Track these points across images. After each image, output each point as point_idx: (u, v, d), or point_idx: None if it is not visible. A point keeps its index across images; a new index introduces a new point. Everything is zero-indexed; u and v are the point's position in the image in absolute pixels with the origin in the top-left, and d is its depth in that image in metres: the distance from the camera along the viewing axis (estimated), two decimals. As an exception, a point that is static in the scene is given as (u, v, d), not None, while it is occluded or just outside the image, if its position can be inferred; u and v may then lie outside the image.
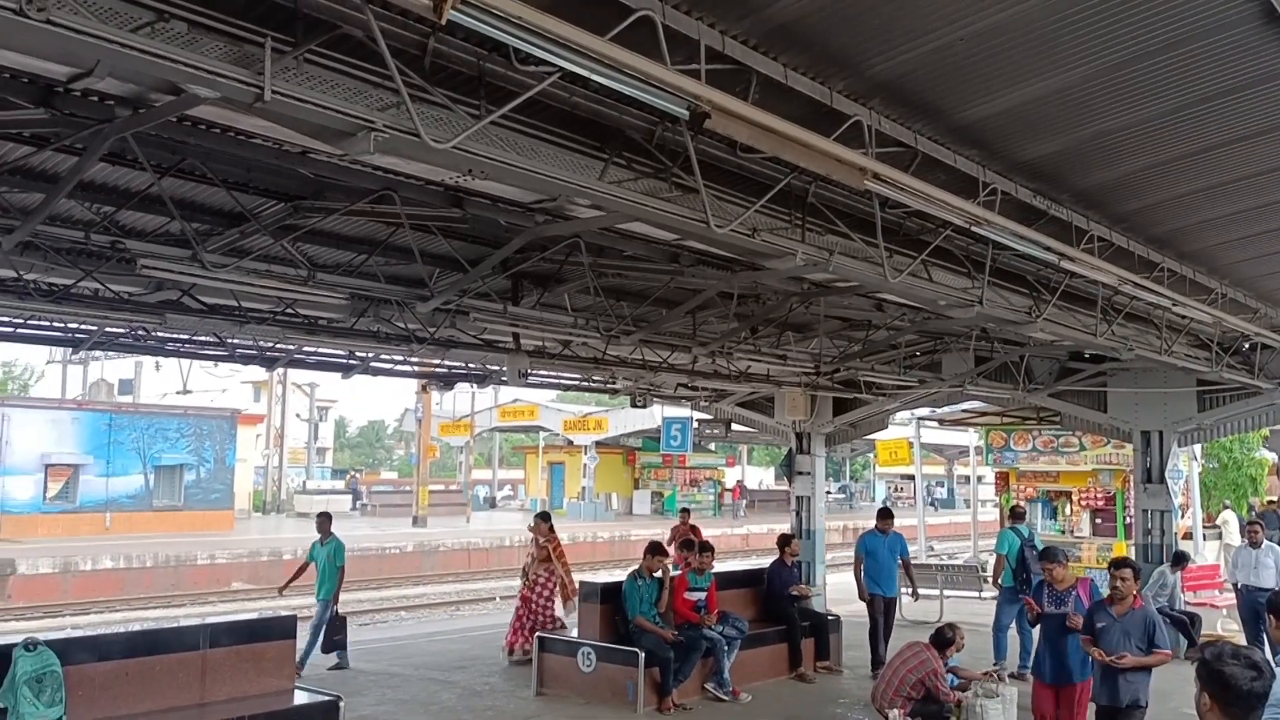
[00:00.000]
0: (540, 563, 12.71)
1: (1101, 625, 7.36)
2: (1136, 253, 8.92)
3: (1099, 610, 7.49)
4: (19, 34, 3.27)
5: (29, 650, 6.82)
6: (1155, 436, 14.32)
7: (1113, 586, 7.44)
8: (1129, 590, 7.34)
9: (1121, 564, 7.50)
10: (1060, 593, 7.99)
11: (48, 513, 29.84)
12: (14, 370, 63.86)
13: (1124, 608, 7.34)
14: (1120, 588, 7.36)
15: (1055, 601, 7.96)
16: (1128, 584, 7.33)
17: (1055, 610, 7.93)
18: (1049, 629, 8.01)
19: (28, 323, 10.22)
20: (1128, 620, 7.30)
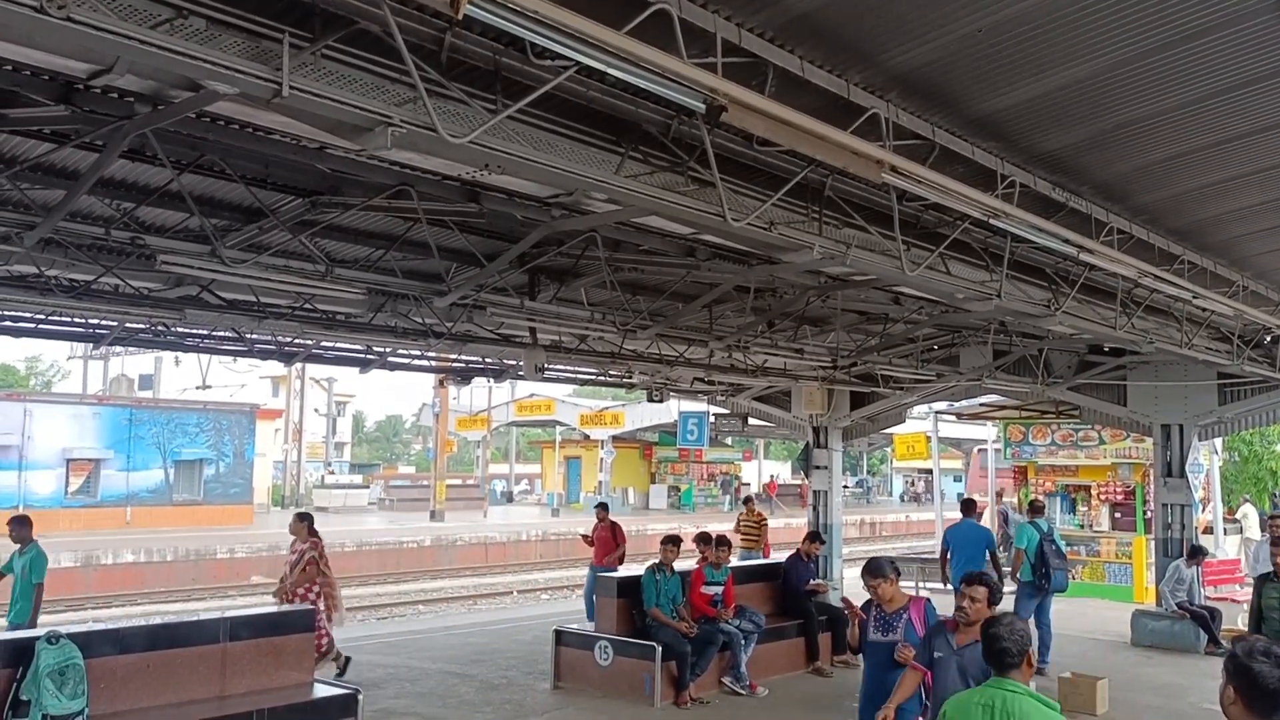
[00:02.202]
0: (298, 573, 10.61)
1: (939, 655, 5.61)
2: (1157, 245, 8.86)
3: (938, 636, 5.72)
4: (40, 32, 3.29)
5: (51, 643, 6.88)
6: (1175, 430, 14.22)
7: (958, 608, 5.64)
8: (978, 615, 5.45)
9: (974, 580, 5.68)
10: (889, 615, 6.33)
11: (69, 507, 30.10)
12: (38, 366, 64.41)
13: (968, 636, 5.43)
14: (967, 610, 5.55)
15: (882, 625, 6.33)
16: (978, 607, 5.53)
17: (882, 637, 6.30)
18: (874, 660, 6.38)
19: (49, 318, 10.30)
20: (970, 654, 5.32)
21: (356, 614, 21.10)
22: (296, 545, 10.86)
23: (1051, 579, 11.80)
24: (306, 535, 10.81)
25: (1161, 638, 13.55)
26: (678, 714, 9.92)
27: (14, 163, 6.32)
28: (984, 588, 5.56)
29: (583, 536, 15.75)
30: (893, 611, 6.30)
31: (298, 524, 10.93)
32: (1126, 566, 18.19)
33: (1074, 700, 9.94)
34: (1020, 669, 4.03)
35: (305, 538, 10.79)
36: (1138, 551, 18.04)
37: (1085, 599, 17.22)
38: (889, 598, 6.32)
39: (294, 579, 10.58)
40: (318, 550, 10.74)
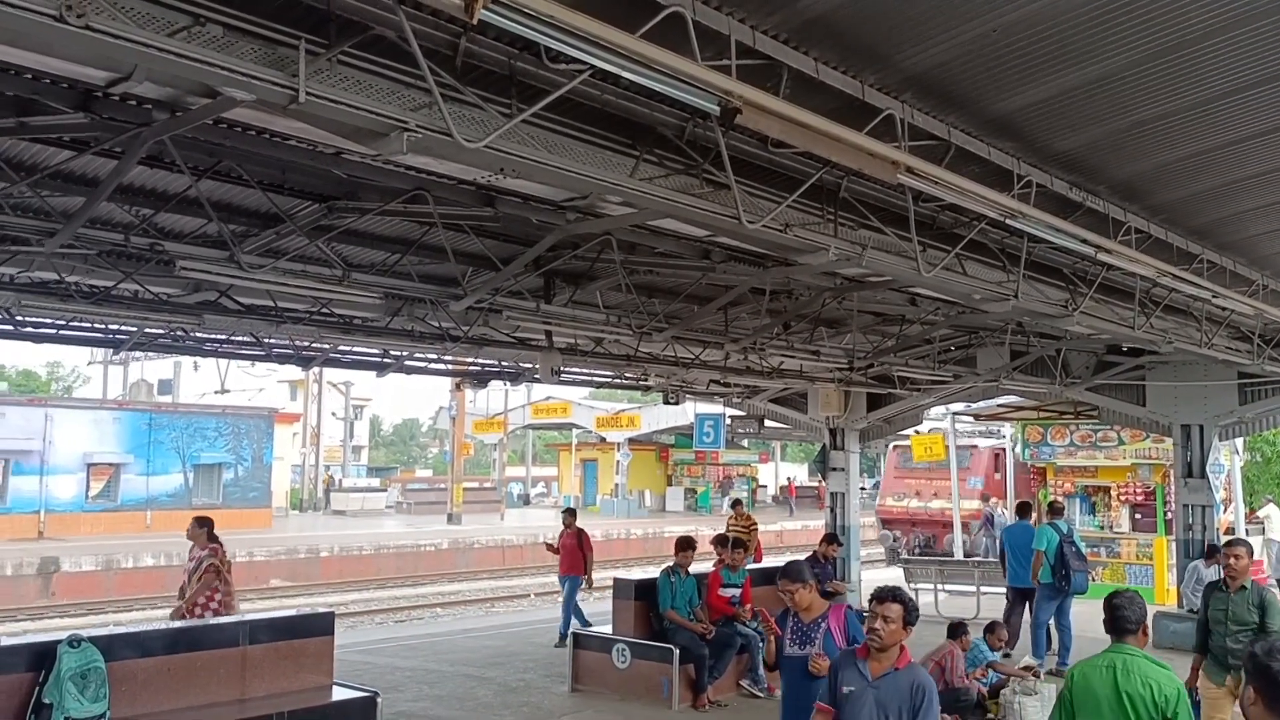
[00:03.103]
0: (198, 580, 9.77)
1: (849, 690, 4.76)
2: (1175, 244, 8.80)
3: (847, 667, 4.84)
4: (59, 40, 3.33)
5: (73, 647, 6.93)
6: (1196, 430, 14.12)
7: (870, 629, 4.73)
8: (892, 639, 4.69)
9: (885, 596, 4.77)
10: (806, 626, 5.62)
11: (90, 511, 30.33)
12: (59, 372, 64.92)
13: (884, 664, 4.72)
14: (880, 633, 4.68)
15: (799, 637, 5.62)
16: (892, 629, 4.68)
17: (799, 651, 5.57)
18: (790, 678, 5.67)
19: (70, 324, 10.39)
20: (886, 685, 4.68)
21: (375, 617, 21.18)
22: (194, 552, 9.98)
23: (1071, 580, 11.74)
24: (205, 541, 9.94)
25: (1184, 639, 13.36)
26: (696, 717, 9.92)
27: (35, 170, 6.38)
28: (898, 605, 4.68)
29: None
30: (810, 621, 5.61)
31: (196, 529, 10.02)
32: (1147, 568, 18.07)
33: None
34: (1136, 635, 4.70)
35: (204, 544, 9.93)
36: (1158, 553, 17.92)
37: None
38: (806, 605, 5.64)
39: (193, 590, 9.70)
40: (218, 557, 9.92)
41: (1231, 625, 7.28)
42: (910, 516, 28.25)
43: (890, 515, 28.87)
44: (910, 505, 28.42)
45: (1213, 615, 7.48)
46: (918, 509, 28.24)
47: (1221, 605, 7.41)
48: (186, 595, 9.72)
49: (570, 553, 14.16)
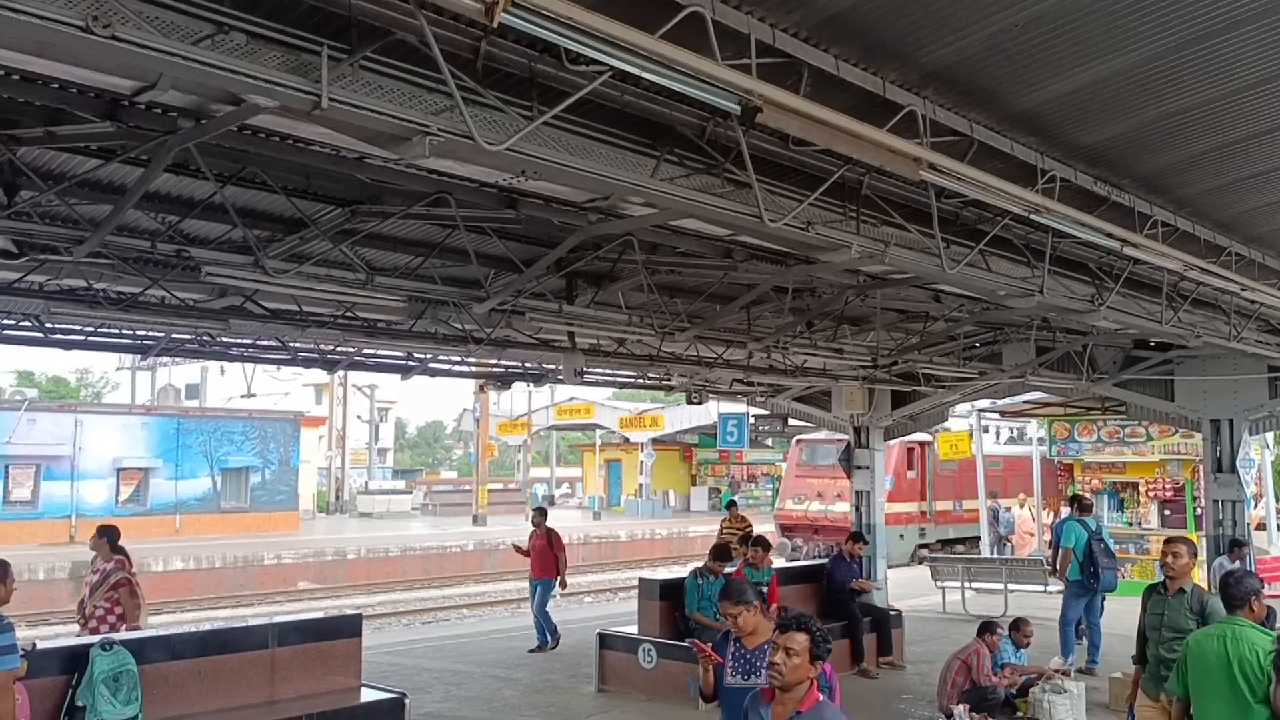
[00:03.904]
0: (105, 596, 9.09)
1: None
2: (1202, 237, 8.71)
3: (752, 710, 4.22)
4: (86, 50, 3.37)
5: (105, 650, 7.01)
6: (1225, 425, 13.96)
7: (769, 664, 4.04)
8: (797, 675, 3.97)
9: (789, 624, 4.09)
10: (750, 653, 4.99)
11: (120, 515, 30.61)
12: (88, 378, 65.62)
13: (787, 708, 4.02)
14: (781, 668, 3.96)
15: (743, 666, 4.99)
16: (795, 664, 3.96)
17: (743, 681, 4.92)
18: (731, 710, 4.87)
19: (98, 330, 10.49)
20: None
21: (402, 618, 21.29)
22: (98, 564, 9.33)
23: (1100, 578, 11.65)
24: (109, 553, 9.27)
25: (1214, 636, 13.28)
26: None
27: (62, 179, 6.45)
28: (803, 635, 4.00)
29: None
30: (755, 648, 4.91)
31: (98, 540, 9.38)
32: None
33: (1127, 700, 9.78)
34: (1244, 609, 5.36)
35: (108, 556, 9.27)
36: (1188, 549, 17.73)
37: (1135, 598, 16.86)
38: (751, 630, 4.98)
39: (93, 602, 9.07)
40: (125, 569, 9.25)
41: (1167, 633, 6.44)
42: (811, 522, 25.33)
43: (790, 521, 26.00)
44: (810, 509, 25.50)
45: (1149, 621, 6.71)
46: (818, 513, 25.34)
47: (1158, 610, 6.61)
48: (85, 609, 9.09)
49: (541, 555, 13.58)
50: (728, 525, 17.51)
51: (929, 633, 13.97)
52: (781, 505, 27.08)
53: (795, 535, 25.86)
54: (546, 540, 13.56)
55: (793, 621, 4.12)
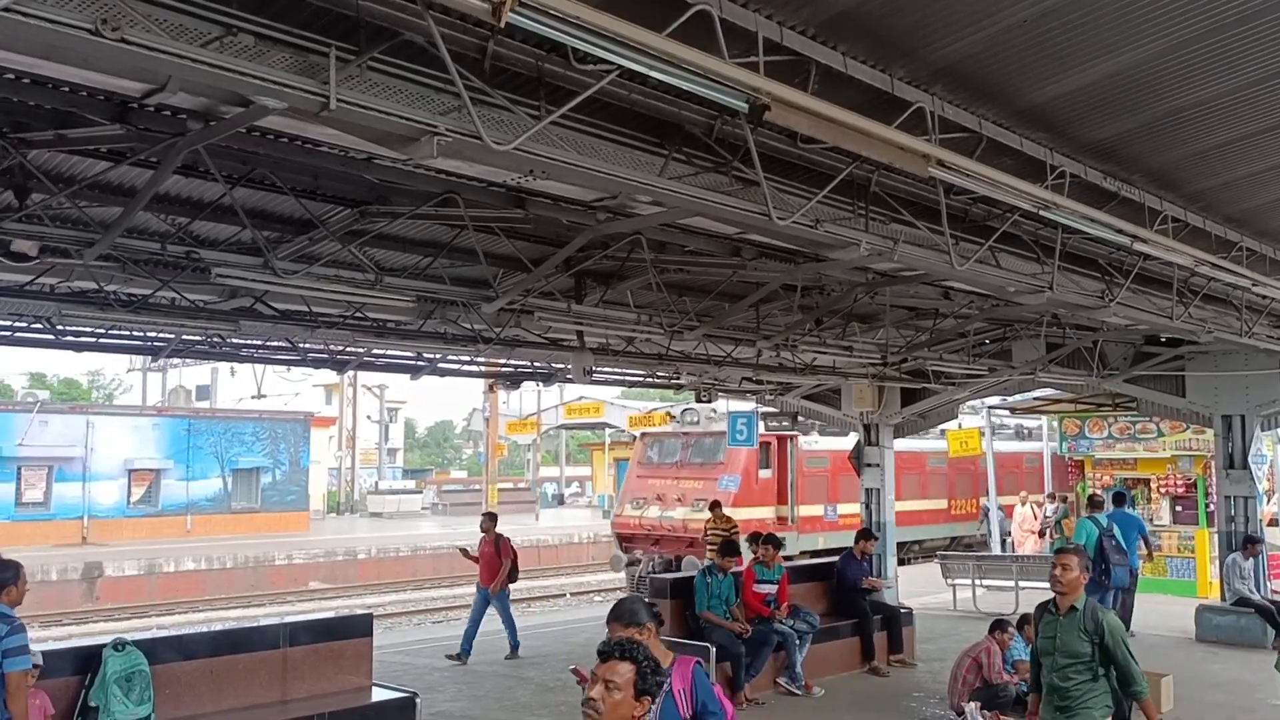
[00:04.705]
0: None
1: None
2: (1213, 232, 8.68)
3: None
4: (95, 53, 3.38)
5: (118, 650, 7.04)
6: (1237, 420, 13.91)
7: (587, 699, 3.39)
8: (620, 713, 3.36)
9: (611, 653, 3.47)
10: None
11: (132, 516, 30.80)
12: (99, 380, 65.87)
13: None
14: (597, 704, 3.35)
15: None
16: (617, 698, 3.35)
17: None
18: None
19: (109, 332, 10.53)
20: None
21: (412, 618, 21.32)
22: None
23: (1112, 575, 11.61)
24: None
25: (1227, 633, 13.26)
26: (733, 715, 9.89)
27: (73, 181, 6.47)
28: (627, 665, 3.40)
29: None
30: None
31: None
32: (1189, 561, 17.84)
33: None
34: None
35: None
36: (1200, 545, 17.68)
37: (1147, 594, 16.86)
38: None
39: None
40: None
41: (1061, 658, 5.59)
42: (648, 530, 20.93)
43: (627, 529, 21.39)
44: (644, 516, 21.09)
45: (1040, 645, 5.82)
46: (653, 521, 20.96)
47: (1050, 632, 5.71)
48: None
49: (489, 562, 12.81)
50: (712, 525, 17.10)
51: (940, 630, 13.94)
52: (619, 511, 22.12)
53: (634, 546, 21.24)
54: (495, 547, 12.85)
55: (615, 649, 3.48)
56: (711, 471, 20.98)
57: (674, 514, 20.76)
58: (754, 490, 21.00)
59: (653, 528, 20.81)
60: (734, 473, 21.06)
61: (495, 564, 12.75)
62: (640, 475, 22.31)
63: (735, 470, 21.08)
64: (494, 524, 13.22)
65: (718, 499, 18.82)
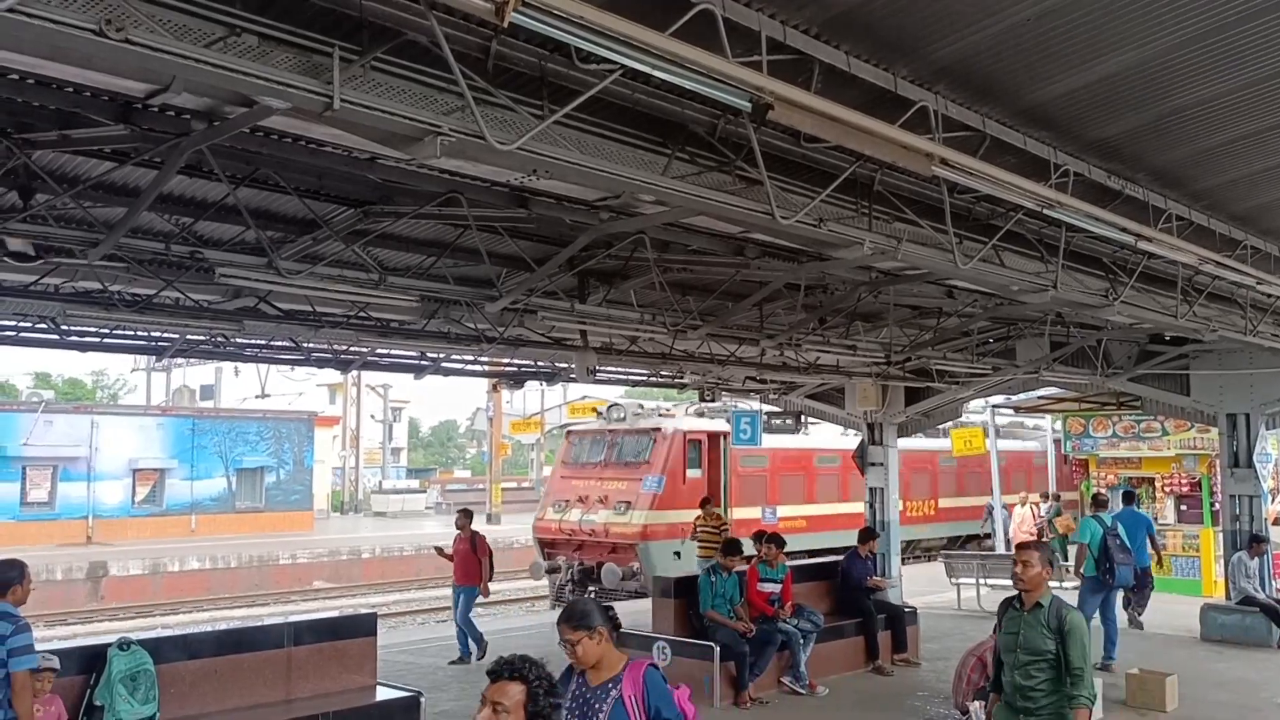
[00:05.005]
0: None
1: None
2: (1218, 231, 8.67)
3: None
4: (99, 54, 3.39)
5: (123, 649, 7.05)
6: (1242, 419, 13.89)
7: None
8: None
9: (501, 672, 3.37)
10: (592, 690, 4.07)
11: (136, 516, 30.84)
12: (104, 380, 65.95)
13: None
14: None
15: (581, 709, 4.05)
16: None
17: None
18: None
19: (113, 332, 10.55)
20: None
21: (417, 617, 21.35)
22: None
23: (1116, 574, 11.59)
24: None
25: (1232, 632, 13.24)
26: (738, 714, 9.90)
27: (77, 182, 6.48)
28: (517, 685, 3.29)
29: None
30: (599, 684, 4.05)
31: None
32: (1194, 560, 17.82)
33: (1142, 697, 9.75)
34: None
35: None
36: (1205, 544, 17.66)
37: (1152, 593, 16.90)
38: (594, 662, 4.05)
39: None
40: None
41: (1023, 655, 5.44)
42: (569, 535, 19.62)
43: (549, 534, 20.15)
44: (564, 520, 19.75)
45: (1003, 642, 5.64)
46: (573, 524, 19.61)
47: (1013, 628, 5.55)
48: None
49: (464, 560, 12.57)
50: (702, 523, 16.80)
51: (944, 629, 13.93)
52: (541, 515, 20.82)
53: (557, 552, 20.03)
54: (470, 545, 12.59)
55: (505, 668, 3.32)
56: (636, 471, 19.55)
57: (595, 517, 19.47)
58: (681, 491, 19.43)
59: (573, 532, 19.64)
60: (658, 473, 19.53)
61: (471, 562, 12.51)
62: (564, 476, 21.12)
63: (659, 470, 19.57)
64: (469, 521, 12.96)
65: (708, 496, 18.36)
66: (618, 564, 18.74)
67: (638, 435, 20.27)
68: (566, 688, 4.10)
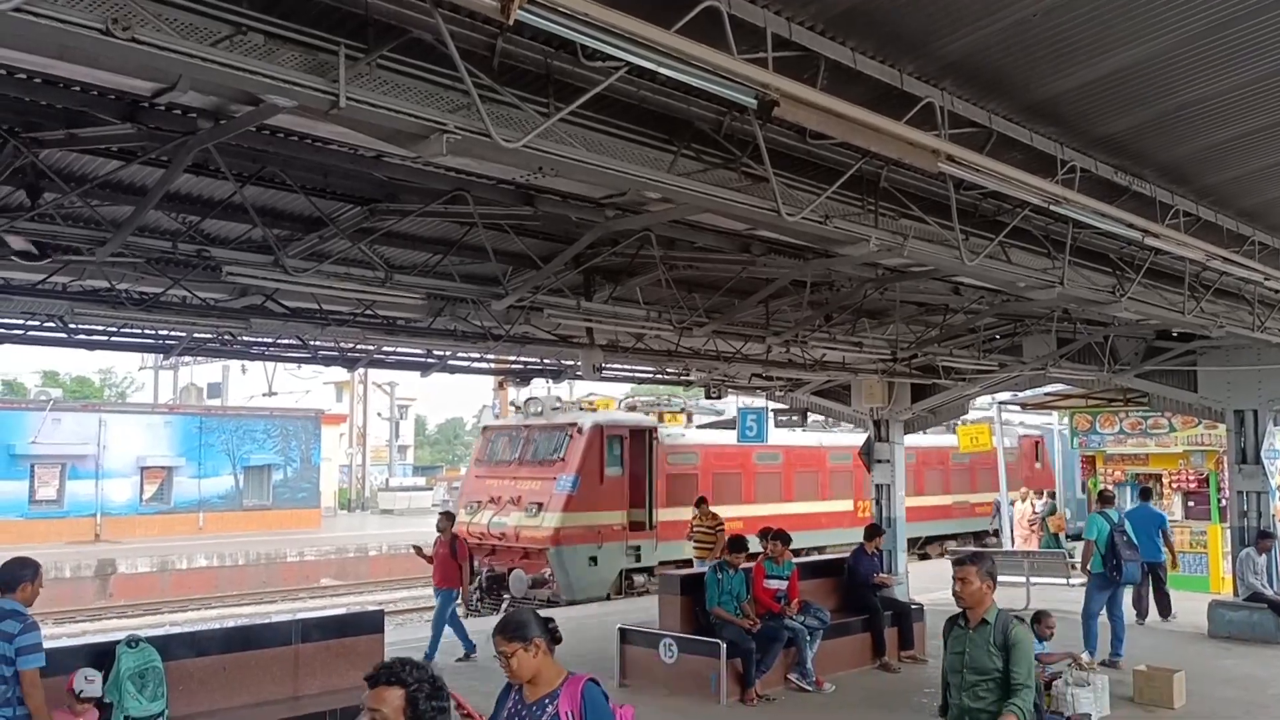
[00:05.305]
0: None
1: None
2: (1225, 226, 8.64)
3: None
4: (106, 53, 3.40)
5: (131, 647, 7.07)
6: (1250, 415, 13.85)
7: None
8: None
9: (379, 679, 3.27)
10: (528, 706, 3.89)
11: (144, 514, 30.92)
12: (111, 378, 66.12)
13: None
14: None
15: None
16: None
17: None
18: None
19: (121, 331, 10.58)
20: None
21: (423, 614, 21.36)
22: None
23: (1123, 570, 11.57)
24: None
25: (1240, 628, 13.20)
26: (744, 711, 9.90)
27: (84, 180, 6.50)
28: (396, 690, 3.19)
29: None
30: (535, 700, 3.87)
31: None
32: (1202, 556, 17.76)
33: (1150, 693, 9.74)
34: None
35: None
36: (1213, 541, 17.61)
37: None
38: (529, 675, 3.85)
39: None
40: None
41: (969, 675, 5.14)
42: (480, 539, 18.01)
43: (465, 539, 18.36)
44: (474, 522, 18.30)
45: (949, 661, 5.33)
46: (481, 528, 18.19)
47: (959, 648, 5.25)
48: None
49: (444, 563, 12.16)
50: (697, 522, 16.63)
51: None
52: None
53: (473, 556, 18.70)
54: (450, 548, 12.17)
55: (383, 673, 3.22)
56: (550, 470, 18.10)
57: (506, 520, 18.07)
58: (598, 492, 17.92)
59: (483, 536, 18.13)
60: (572, 472, 17.89)
61: (450, 565, 12.13)
62: (478, 475, 19.81)
63: (574, 469, 17.91)
64: (451, 524, 12.58)
65: (703, 494, 17.89)
66: (529, 570, 17.46)
67: (553, 431, 18.81)
68: (504, 704, 3.99)
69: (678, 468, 19.85)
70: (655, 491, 19.14)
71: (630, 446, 18.96)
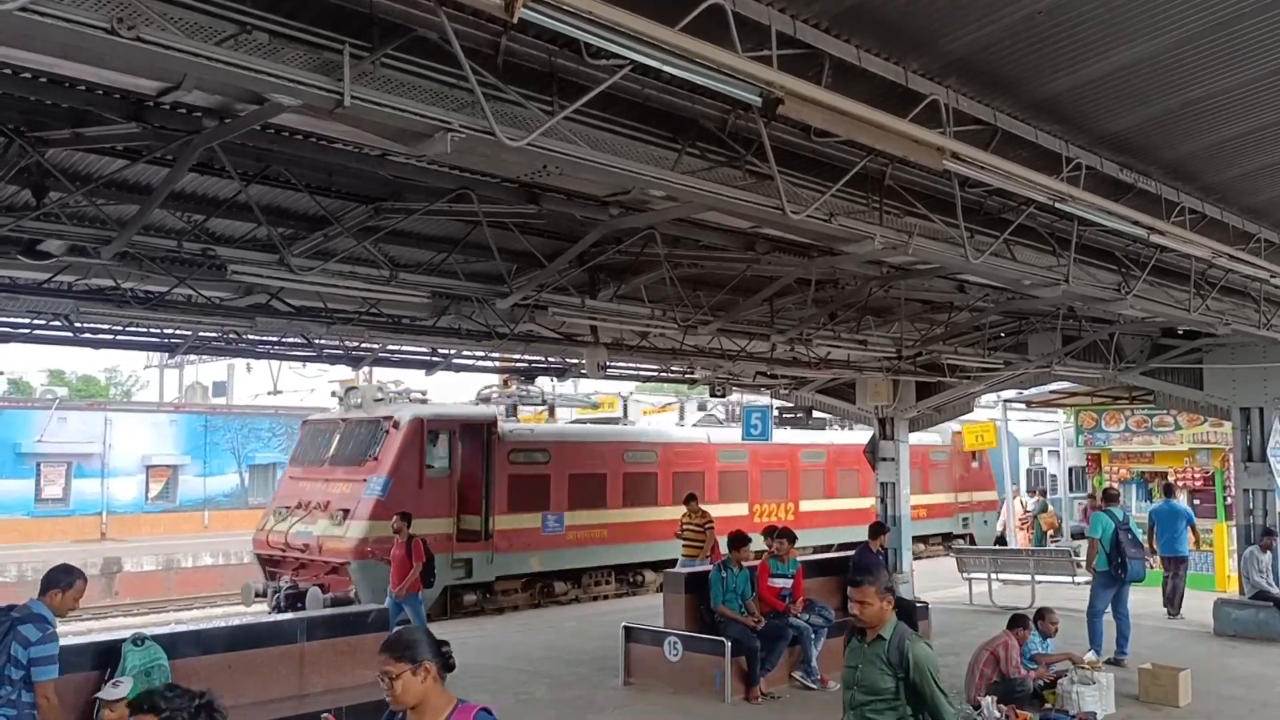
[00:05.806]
0: None
1: None
2: (1231, 224, 8.62)
3: None
4: (111, 52, 3.40)
5: (137, 645, 7.09)
6: (1255, 413, 13.81)
7: None
8: None
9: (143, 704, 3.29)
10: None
11: (149, 512, 30.97)
12: (117, 377, 66.24)
13: None
14: None
15: None
16: None
17: None
18: None
19: (126, 329, 10.60)
20: None
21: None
22: None
23: (1128, 568, 11.56)
24: None
25: (1246, 627, 13.18)
26: (749, 709, 9.90)
27: (90, 179, 6.52)
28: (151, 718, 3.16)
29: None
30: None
31: None
32: (1207, 554, 17.73)
33: (1155, 692, 9.72)
34: None
35: None
36: (1219, 539, 17.58)
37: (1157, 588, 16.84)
38: (414, 702, 3.46)
39: None
40: None
41: (860, 693, 4.75)
42: (284, 551, 15.75)
43: (267, 549, 16.17)
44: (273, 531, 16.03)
45: (844, 676, 4.95)
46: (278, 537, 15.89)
47: (852, 662, 4.87)
48: None
49: (400, 566, 11.57)
50: (687, 520, 16.02)
51: (956, 624, 13.90)
52: (262, 524, 16.68)
53: (281, 570, 15.96)
54: (406, 550, 11.57)
55: (143, 701, 3.15)
56: (361, 471, 15.64)
57: (311, 529, 15.45)
58: (417, 496, 15.15)
59: (285, 547, 15.71)
60: (383, 473, 15.35)
61: (406, 568, 11.56)
62: (292, 476, 17.20)
63: (385, 470, 15.38)
64: (407, 525, 11.78)
65: (693, 491, 16.68)
66: (334, 588, 14.90)
67: (368, 426, 16.27)
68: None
69: (524, 468, 17.05)
70: (493, 496, 16.46)
71: (462, 443, 16.41)
